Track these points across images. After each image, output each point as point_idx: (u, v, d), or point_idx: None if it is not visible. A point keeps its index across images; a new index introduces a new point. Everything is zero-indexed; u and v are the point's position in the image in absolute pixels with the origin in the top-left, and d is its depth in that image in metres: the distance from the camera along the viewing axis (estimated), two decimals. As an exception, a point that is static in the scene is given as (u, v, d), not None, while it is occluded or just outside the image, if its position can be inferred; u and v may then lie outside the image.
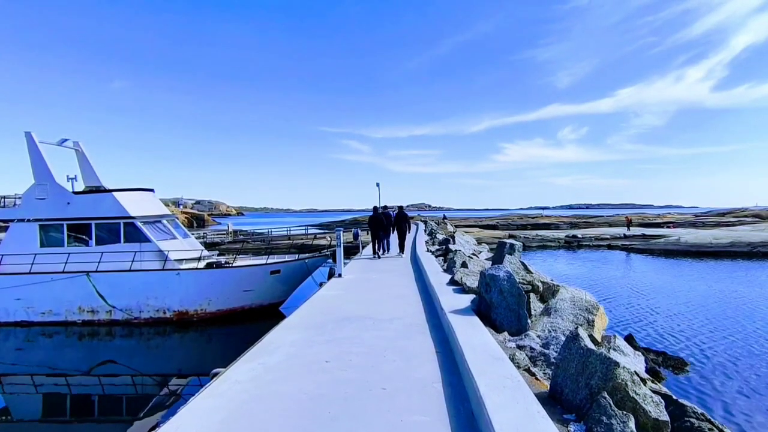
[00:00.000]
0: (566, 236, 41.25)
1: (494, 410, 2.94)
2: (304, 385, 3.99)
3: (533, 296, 6.98)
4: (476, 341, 4.56)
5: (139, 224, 14.50)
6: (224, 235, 36.85)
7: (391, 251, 15.70)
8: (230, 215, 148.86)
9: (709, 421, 3.67)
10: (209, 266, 14.91)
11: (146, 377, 10.43)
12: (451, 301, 6.64)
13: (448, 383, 4.01)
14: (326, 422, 3.28)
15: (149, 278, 13.93)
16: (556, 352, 4.64)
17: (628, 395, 3.16)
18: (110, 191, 15.27)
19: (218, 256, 17.85)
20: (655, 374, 7.62)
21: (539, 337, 5.39)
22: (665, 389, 4.52)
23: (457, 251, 12.36)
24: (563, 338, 4.76)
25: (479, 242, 32.42)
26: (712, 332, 11.50)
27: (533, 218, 71.82)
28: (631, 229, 45.60)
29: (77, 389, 9.75)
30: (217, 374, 4.31)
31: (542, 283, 7.62)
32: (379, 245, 15.16)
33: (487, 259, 15.74)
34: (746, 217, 66.07)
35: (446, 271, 10.26)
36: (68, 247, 14.40)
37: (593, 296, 7.37)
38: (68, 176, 15.99)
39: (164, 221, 15.90)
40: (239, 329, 13.91)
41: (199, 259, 15.20)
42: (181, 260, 14.61)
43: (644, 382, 3.99)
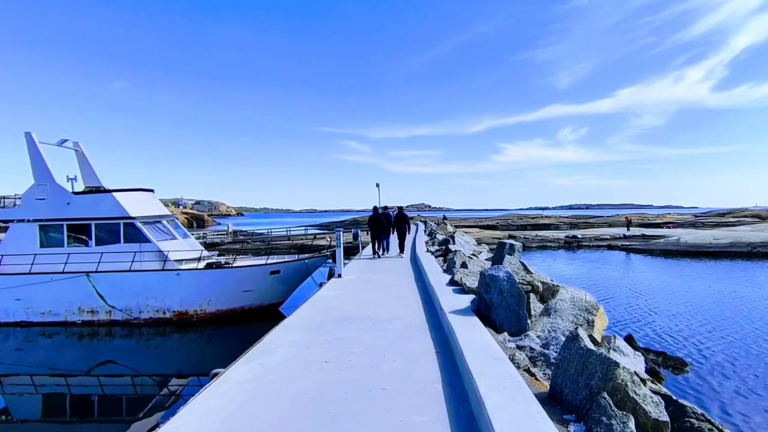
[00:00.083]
0: (566, 236, 41.24)
1: (494, 410, 2.95)
2: (303, 385, 3.99)
3: (533, 296, 6.98)
4: (476, 341, 4.56)
5: (138, 224, 14.50)
6: (224, 235, 36.88)
7: (390, 251, 15.71)
8: (230, 215, 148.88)
9: (708, 421, 3.68)
10: (209, 266, 14.91)
11: (146, 377, 10.43)
12: (450, 301, 6.64)
13: (447, 383, 4.01)
14: (326, 422, 3.28)
15: (149, 278, 13.93)
16: (555, 352, 4.64)
17: (628, 395, 3.16)
18: (110, 191, 15.28)
19: (218, 256, 17.85)
20: (654, 374, 7.63)
21: (539, 337, 5.39)
22: (665, 389, 4.52)
23: (456, 251, 12.36)
24: (563, 338, 4.76)
25: (479, 243, 32.42)
26: (711, 332, 11.51)
27: (533, 218, 71.84)
28: (630, 229, 45.60)
29: (77, 389, 9.75)
30: (216, 374, 4.32)
31: (542, 283, 7.63)
32: (379, 245, 15.21)
33: (486, 259, 15.74)
34: (746, 217, 66.03)
35: (446, 271, 10.26)
36: (68, 247, 14.40)
37: (593, 296, 7.37)
38: (68, 176, 16.00)
39: (164, 221, 15.91)
40: (239, 330, 13.91)
41: (198, 259, 15.19)
42: (180, 260, 14.61)
43: (644, 382, 3.99)
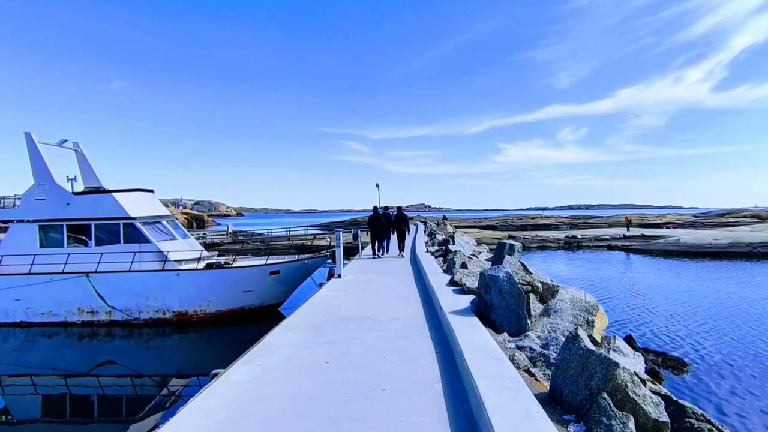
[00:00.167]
0: (566, 237, 41.24)
1: (494, 411, 2.95)
2: (303, 385, 3.99)
3: (533, 297, 6.98)
4: (476, 342, 4.56)
5: (138, 225, 14.50)
6: (224, 235, 36.87)
7: (390, 252, 15.72)
8: (230, 216, 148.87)
9: (708, 421, 3.68)
10: (209, 267, 14.91)
11: (146, 378, 10.43)
12: (450, 301, 6.64)
13: (447, 384, 4.01)
14: (326, 423, 3.28)
15: (149, 279, 13.93)
16: (555, 352, 4.64)
17: (627, 396, 3.16)
18: (110, 192, 15.28)
19: (218, 256, 17.85)
20: (654, 375, 7.63)
21: (539, 337, 5.39)
22: (665, 390, 4.52)
23: (456, 252, 12.36)
24: (563, 339, 4.76)
25: (479, 243, 32.42)
26: (711, 333, 11.51)
27: (533, 219, 71.81)
28: (630, 229, 45.61)
29: (77, 390, 9.74)
30: (216, 375, 4.31)
31: (542, 283, 7.63)
32: (378, 246, 15.21)
33: (486, 259, 15.75)
34: (746, 217, 65.97)
35: (446, 271, 10.26)
36: (68, 247, 14.40)
37: (593, 297, 7.38)
38: (68, 177, 16.00)
39: (164, 222, 15.91)
40: (239, 330, 13.91)
41: (198, 259, 15.19)
42: (180, 261, 14.61)
43: (644, 382, 3.99)
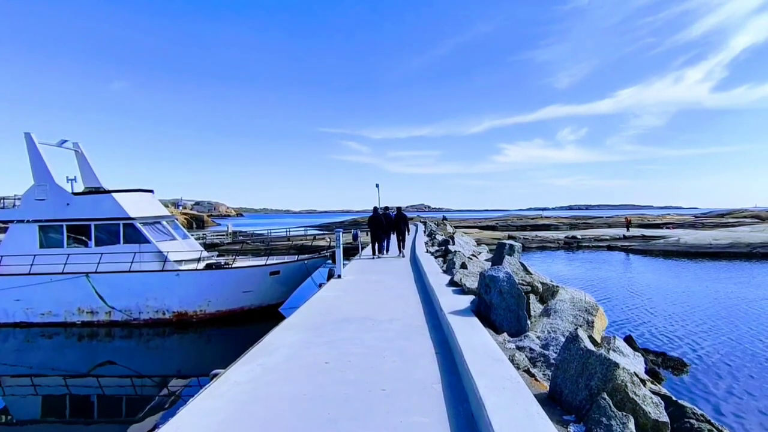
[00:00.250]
0: (566, 237, 41.26)
1: (494, 411, 2.95)
2: (303, 386, 3.99)
3: (533, 297, 6.98)
4: (476, 342, 4.56)
5: (138, 225, 14.49)
6: (224, 236, 36.86)
7: (390, 252, 15.74)
8: (230, 216, 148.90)
9: (708, 422, 3.68)
10: (209, 267, 14.91)
11: (146, 378, 10.43)
12: (450, 302, 6.64)
13: (447, 384, 4.01)
14: (326, 423, 3.28)
15: (148, 279, 13.93)
16: (555, 353, 4.64)
17: (627, 396, 3.16)
18: (110, 192, 15.28)
19: (218, 257, 17.85)
20: (654, 375, 7.63)
21: (539, 338, 5.39)
22: (665, 390, 4.52)
23: (456, 252, 12.36)
24: (563, 339, 4.76)
25: (478, 243, 32.41)
26: (710, 333, 11.51)
27: (533, 219, 71.83)
28: (630, 230, 45.61)
29: (77, 390, 9.74)
30: (216, 375, 4.31)
31: (542, 284, 7.62)
32: (379, 246, 15.26)
33: (486, 260, 15.75)
34: (745, 218, 65.99)
35: (446, 272, 10.26)
36: (68, 248, 14.40)
37: (593, 297, 7.37)
38: (68, 177, 15.99)
39: (164, 222, 15.91)
40: (239, 330, 13.91)
41: (198, 260, 15.19)
42: (180, 261, 14.60)
43: (644, 383, 3.99)
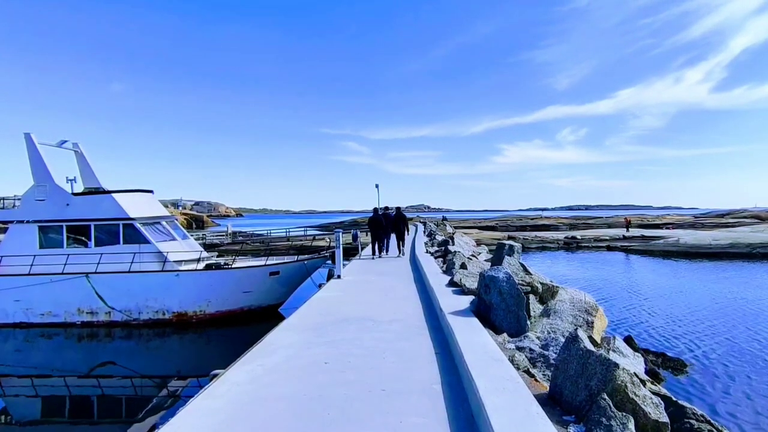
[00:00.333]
0: (565, 237, 41.25)
1: (493, 411, 2.95)
2: (303, 386, 3.99)
3: (532, 297, 6.98)
4: (475, 343, 4.56)
5: (138, 226, 14.48)
6: (223, 236, 36.81)
7: (390, 252, 15.78)
8: (229, 216, 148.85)
9: (708, 422, 3.68)
10: (208, 267, 14.90)
11: (145, 379, 10.42)
12: (450, 302, 6.64)
13: (447, 384, 4.01)
14: (325, 424, 3.28)
15: (148, 280, 13.91)
16: (555, 353, 4.64)
17: (627, 397, 3.16)
18: (109, 192, 15.26)
19: (217, 257, 17.85)
20: (654, 375, 7.62)
21: (539, 338, 5.39)
22: (665, 390, 4.51)
23: (456, 252, 12.37)
24: (563, 340, 4.76)
25: (478, 243, 32.40)
26: (710, 333, 11.51)
27: (532, 219, 71.75)
28: (630, 230, 45.61)
29: (76, 391, 9.73)
30: (216, 376, 4.31)
31: (541, 284, 7.63)
32: (378, 246, 15.33)
33: (486, 260, 15.75)
34: (745, 218, 66.00)
35: (445, 272, 10.26)
36: (67, 248, 14.38)
37: (592, 297, 7.38)
38: (67, 177, 15.96)
39: (163, 222, 15.90)
40: (238, 331, 13.89)
41: (198, 260, 15.18)
42: (180, 261, 14.59)
43: (644, 383, 3.99)
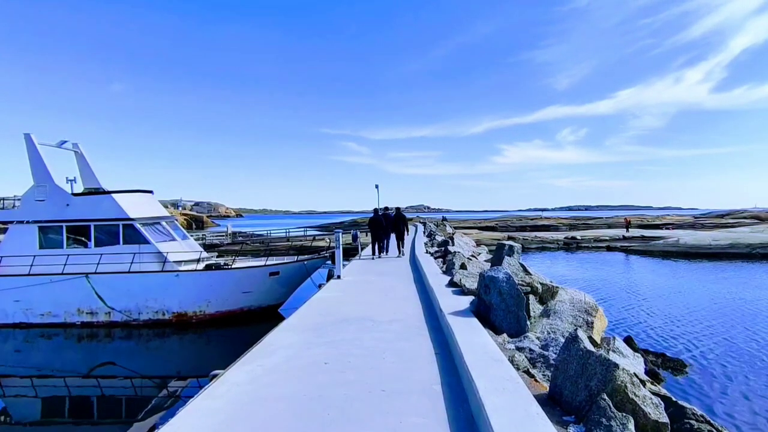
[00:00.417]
0: (565, 238, 41.25)
1: (493, 412, 2.95)
2: (303, 386, 3.99)
3: (532, 298, 6.98)
4: (475, 343, 4.56)
5: (138, 226, 14.48)
6: (223, 236, 36.79)
7: (390, 252, 15.82)
8: (229, 217, 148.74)
9: (708, 422, 3.68)
10: (208, 268, 14.90)
11: (145, 379, 10.41)
12: (450, 302, 6.64)
13: (447, 385, 4.01)
14: (325, 424, 3.28)
15: (148, 280, 13.91)
16: (555, 353, 4.63)
17: (627, 397, 3.16)
18: (109, 193, 15.26)
19: (217, 257, 17.84)
20: (654, 376, 7.62)
21: (538, 338, 5.39)
22: (664, 391, 4.51)
23: (456, 253, 12.37)
24: (562, 340, 4.76)
25: (478, 244, 32.39)
26: (710, 334, 11.51)
27: (532, 220, 71.71)
28: (630, 230, 45.62)
29: (76, 391, 9.72)
30: (216, 376, 4.31)
31: (541, 284, 7.62)
32: (379, 246, 15.41)
33: (486, 260, 15.75)
34: (745, 218, 65.97)
35: (445, 272, 10.26)
36: (67, 248, 14.38)
37: (592, 298, 7.38)
38: (67, 178, 15.95)
39: (163, 223, 15.90)
40: (238, 331, 13.89)
41: (198, 260, 15.17)
42: (180, 262, 14.58)
43: (643, 383, 3.99)
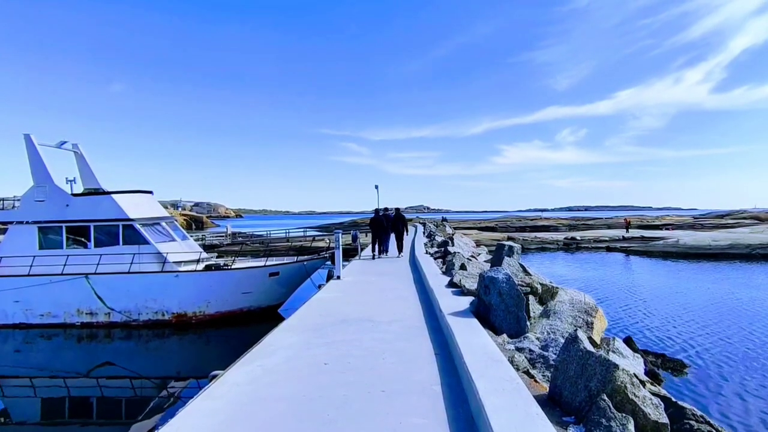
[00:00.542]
0: (565, 238, 41.25)
1: (493, 412, 2.95)
2: (302, 387, 3.99)
3: (532, 298, 6.98)
4: (475, 343, 4.56)
5: (137, 226, 14.48)
6: (223, 237, 36.81)
7: (390, 252, 15.85)
8: (229, 217, 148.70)
9: (708, 423, 3.67)
10: (208, 268, 14.90)
11: (145, 380, 10.41)
12: (449, 303, 6.64)
13: (447, 385, 4.01)
14: (325, 424, 3.28)
15: (148, 280, 13.90)
16: (555, 354, 4.63)
17: (627, 397, 3.16)
18: (109, 193, 15.26)
19: (217, 258, 17.84)
20: (654, 376, 7.62)
21: (538, 339, 5.39)
22: (664, 391, 4.51)
23: (456, 253, 12.37)
24: (562, 340, 4.76)
25: (478, 244, 32.38)
26: (710, 334, 11.51)
27: (532, 220, 71.77)
28: (629, 231, 45.63)
29: (76, 391, 9.72)
30: (215, 376, 4.31)
31: (541, 285, 7.62)
32: (379, 247, 15.49)
33: (485, 261, 15.75)
34: (745, 219, 65.99)
35: (445, 273, 10.26)
36: (67, 249, 14.37)
37: (592, 298, 7.37)
38: (67, 178, 15.96)
39: (163, 223, 15.89)
40: (238, 331, 13.89)
41: (197, 261, 15.17)
42: (179, 262, 14.58)
43: (643, 384, 3.98)
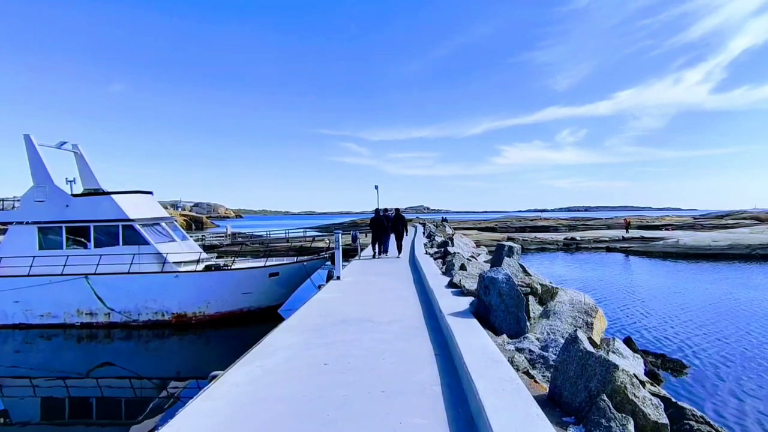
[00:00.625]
0: (565, 239, 41.25)
1: (493, 413, 2.95)
2: (302, 387, 3.99)
3: (532, 299, 6.98)
4: (475, 344, 4.56)
5: (137, 227, 14.48)
6: (223, 237, 36.81)
7: (390, 253, 15.87)
8: (229, 218, 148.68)
9: (708, 423, 3.67)
10: (208, 269, 14.90)
11: (144, 380, 10.40)
12: (449, 303, 6.64)
13: (447, 386, 4.01)
14: (325, 425, 3.28)
15: (148, 281, 13.90)
16: (555, 354, 4.63)
17: (627, 398, 3.16)
18: (109, 194, 15.26)
19: (217, 258, 17.83)
20: (654, 377, 7.62)
21: (538, 339, 5.39)
22: (664, 392, 4.51)
23: (455, 254, 12.37)
24: (562, 341, 4.76)
25: (478, 245, 32.39)
26: (710, 335, 11.50)
27: (532, 221, 71.78)
28: (629, 231, 45.65)
29: (75, 392, 9.71)
30: (215, 377, 4.31)
31: (541, 285, 7.62)
32: (379, 247, 15.57)
33: (485, 261, 15.75)
34: (745, 219, 66.05)
35: (445, 273, 10.26)
36: (67, 249, 14.37)
37: (592, 299, 7.38)
38: (67, 179, 15.96)
39: (163, 224, 15.89)
40: (238, 332, 13.89)
41: (197, 261, 15.17)
42: (179, 263, 14.58)
43: (643, 384, 3.99)
